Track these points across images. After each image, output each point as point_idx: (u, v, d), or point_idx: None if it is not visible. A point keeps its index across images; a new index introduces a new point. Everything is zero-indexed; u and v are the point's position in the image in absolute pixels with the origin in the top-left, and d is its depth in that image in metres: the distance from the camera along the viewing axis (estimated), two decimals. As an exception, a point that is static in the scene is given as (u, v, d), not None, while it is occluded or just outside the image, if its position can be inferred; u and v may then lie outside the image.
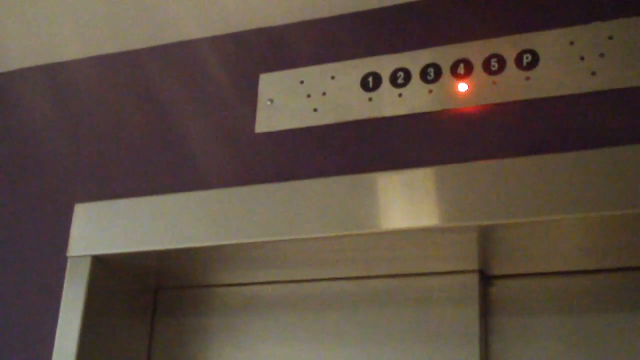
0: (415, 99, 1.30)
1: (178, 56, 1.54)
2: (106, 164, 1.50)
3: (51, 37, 1.57)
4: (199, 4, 1.43)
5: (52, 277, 1.45)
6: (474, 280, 1.36)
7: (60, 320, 1.40)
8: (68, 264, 1.43)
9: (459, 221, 1.19)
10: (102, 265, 1.44)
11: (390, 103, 1.32)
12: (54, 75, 1.65)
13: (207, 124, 1.45)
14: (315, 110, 1.37)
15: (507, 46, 1.27)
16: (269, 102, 1.41)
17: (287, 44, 1.45)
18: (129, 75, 1.57)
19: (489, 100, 1.26)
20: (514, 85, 1.25)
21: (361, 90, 1.35)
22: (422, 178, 1.23)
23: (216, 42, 1.51)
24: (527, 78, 1.24)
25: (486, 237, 1.24)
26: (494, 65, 1.27)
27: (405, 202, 1.23)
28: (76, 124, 1.57)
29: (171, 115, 1.49)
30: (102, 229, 1.43)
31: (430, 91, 1.30)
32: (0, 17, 1.52)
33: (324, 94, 1.38)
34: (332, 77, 1.38)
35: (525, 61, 1.25)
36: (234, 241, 1.33)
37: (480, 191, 1.18)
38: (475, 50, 1.29)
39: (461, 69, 1.29)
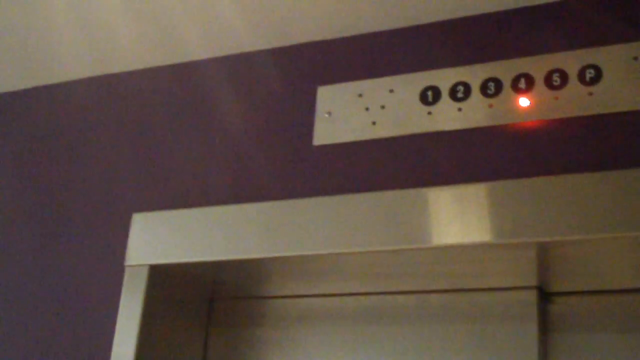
0: (475, 114, 1.30)
1: (235, 68, 1.54)
2: (164, 175, 1.52)
3: (108, 48, 1.59)
4: (257, 15, 1.44)
5: (110, 286, 1.46)
6: (532, 297, 1.34)
7: (117, 329, 1.41)
8: (126, 273, 1.45)
9: (516, 237, 1.18)
10: (159, 275, 1.45)
11: (449, 117, 1.31)
12: (112, 85, 1.67)
13: (265, 136, 1.45)
14: (373, 123, 1.37)
15: (570, 61, 1.26)
16: (327, 115, 1.41)
17: (346, 56, 1.45)
18: (187, 86, 1.58)
19: (550, 115, 1.24)
20: (577, 101, 1.23)
21: (420, 104, 1.34)
22: (480, 193, 1.22)
23: (274, 54, 1.52)
24: (590, 94, 1.22)
25: (545, 254, 1.23)
26: (556, 80, 1.25)
27: (461, 217, 1.22)
28: (134, 134, 1.59)
29: (228, 127, 1.50)
30: (159, 238, 1.44)
31: (491, 105, 1.29)
32: (57, 29, 1.55)
33: (382, 107, 1.37)
34: (391, 91, 1.38)
35: (588, 76, 1.23)
36: (289, 253, 1.33)
37: (540, 207, 1.17)
38: (537, 65, 1.27)
39: (522, 84, 1.28)
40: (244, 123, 1.49)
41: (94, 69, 1.67)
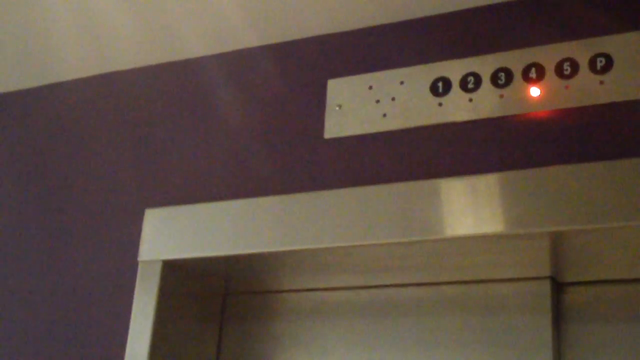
0: (486, 104, 1.29)
1: (248, 63, 1.54)
2: (176, 170, 1.52)
3: (109, 47, 1.60)
4: (267, 10, 1.44)
5: (123, 282, 1.47)
6: (545, 287, 1.34)
7: (131, 324, 1.42)
8: (139, 269, 1.45)
9: (529, 228, 1.17)
10: (172, 270, 1.45)
11: (460, 108, 1.31)
12: (116, 83, 1.67)
13: (276, 130, 1.46)
14: (384, 115, 1.37)
15: (580, 50, 1.25)
16: (337, 108, 1.41)
17: (356, 49, 1.45)
18: (196, 82, 1.58)
19: (561, 105, 1.24)
20: (588, 90, 1.23)
21: (431, 95, 1.34)
22: (492, 184, 1.22)
23: (284, 48, 1.52)
24: (601, 82, 1.22)
25: (558, 244, 1.22)
26: (567, 69, 1.25)
27: (473, 208, 1.22)
28: (145, 130, 1.59)
29: (240, 121, 1.50)
30: (172, 234, 1.44)
31: (502, 96, 1.28)
32: (57, 29, 1.55)
33: (393, 99, 1.37)
34: (402, 82, 1.37)
35: (599, 65, 1.23)
36: (302, 247, 1.33)
37: (552, 197, 1.17)
38: (548, 54, 1.27)
39: (533, 73, 1.27)
40: (255, 117, 1.49)
41: (96, 68, 1.68)
